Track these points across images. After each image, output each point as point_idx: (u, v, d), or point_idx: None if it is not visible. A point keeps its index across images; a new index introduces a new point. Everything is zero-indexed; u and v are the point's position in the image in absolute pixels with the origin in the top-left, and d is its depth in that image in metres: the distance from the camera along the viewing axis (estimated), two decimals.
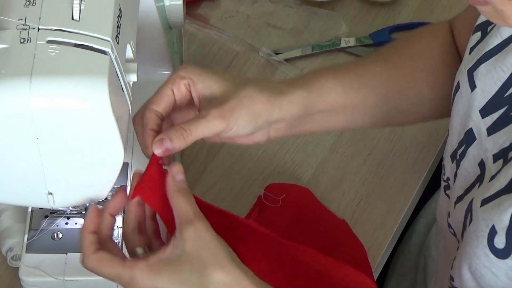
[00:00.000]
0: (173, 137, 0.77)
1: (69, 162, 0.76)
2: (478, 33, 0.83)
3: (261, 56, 1.24)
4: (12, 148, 0.73)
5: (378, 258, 1.05)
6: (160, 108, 0.81)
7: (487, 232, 0.72)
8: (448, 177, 0.86)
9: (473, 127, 0.80)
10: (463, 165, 0.82)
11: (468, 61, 0.82)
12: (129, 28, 0.81)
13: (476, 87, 0.80)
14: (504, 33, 0.78)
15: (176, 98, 0.82)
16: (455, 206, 0.83)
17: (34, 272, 0.89)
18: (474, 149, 0.80)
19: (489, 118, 0.78)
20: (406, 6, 1.31)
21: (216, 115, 0.79)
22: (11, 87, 0.70)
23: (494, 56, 0.79)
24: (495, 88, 0.78)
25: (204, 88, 0.81)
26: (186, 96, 0.82)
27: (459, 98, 0.83)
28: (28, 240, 0.91)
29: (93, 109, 0.71)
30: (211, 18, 1.28)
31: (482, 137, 0.79)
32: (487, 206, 0.73)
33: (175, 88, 0.81)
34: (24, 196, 0.79)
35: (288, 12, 1.30)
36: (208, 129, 0.79)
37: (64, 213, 0.92)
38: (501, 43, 0.79)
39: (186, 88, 0.82)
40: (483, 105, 0.79)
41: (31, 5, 0.74)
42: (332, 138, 1.16)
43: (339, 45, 1.25)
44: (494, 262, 0.72)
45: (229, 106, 0.80)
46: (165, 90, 0.81)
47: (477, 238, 0.73)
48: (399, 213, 1.09)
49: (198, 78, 0.81)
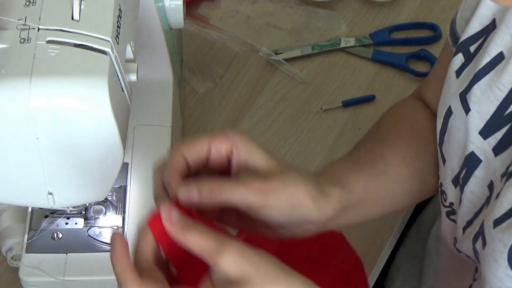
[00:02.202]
0: (203, 190, 0.69)
1: (69, 162, 0.76)
2: (460, 55, 0.81)
3: (261, 56, 1.24)
4: (12, 148, 0.73)
5: (378, 258, 1.05)
6: (189, 155, 0.73)
7: (506, 253, 0.70)
8: (452, 202, 0.84)
9: (475, 150, 0.78)
10: (468, 189, 0.80)
11: (457, 85, 0.80)
12: (129, 28, 0.81)
13: (470, 109, 0.78)
14: (491, 51, 0.77)
15: (211, 157, 0.73)
16: (464, 232, 0.81)
17: (34, 272, 0.89)
18: (481, 171, 0.78)
19: (493, 138, 0.76)
20: (406, 6, 1.31)
21: (258, 187, 0.71)
22: (11, 87, 0.70)
23: (486, 75, 0.77)
24: (492, 108, 0.76)
25: (249, 158, 0.73)
26: (221, 160, 0.74)
27: (454, 123, 0.81)
28: (28, 240, 0.91)
29: (93, 109, 0.71)
30: (211, 18, 1.28)
31: (490, 159, 0.77)
32: (502, 226, 0.71)
33: (213, 145, 0.73)
34: (24, 196, 0.79)
35: (288, 12, 1.30)
36: (243, 197, 0.70)
37: (64, 213, 0.92)
38: (490, 61, 0.77)
39: (227, 152, 0.73)
40: (481, 126, 0.77)
41: (31, 5, 0.74)
42: (332, 138, 1.16)
43: (339, 45, 1.26)
44: None
45: (273, 185, 0.72)
46: (200, 141, 0.73)
47: (496, 260, 0.71)
48: (399, 213, 1.09)
49: (245, 146, 0.73)
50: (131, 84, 0.79)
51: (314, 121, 1.18)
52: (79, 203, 0.88)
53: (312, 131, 1.17)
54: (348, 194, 0.79)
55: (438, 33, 1.28)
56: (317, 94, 1.21)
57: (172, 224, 0.66)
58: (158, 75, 1.03)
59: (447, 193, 0.84)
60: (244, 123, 1.17)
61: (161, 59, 1.02)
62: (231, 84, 1.21)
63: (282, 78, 1.22)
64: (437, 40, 1.27)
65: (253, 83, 1.21)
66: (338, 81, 1.23)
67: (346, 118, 1.18)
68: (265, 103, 1.20)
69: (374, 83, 1.22)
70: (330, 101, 1.20)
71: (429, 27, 1.29)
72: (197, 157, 0.73)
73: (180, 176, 0.71)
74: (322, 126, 1.18)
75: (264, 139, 1.16)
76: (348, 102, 1.20)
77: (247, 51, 1.24)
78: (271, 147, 1.14)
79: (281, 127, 1.17)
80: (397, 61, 1.24)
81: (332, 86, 1.22)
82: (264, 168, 0.73)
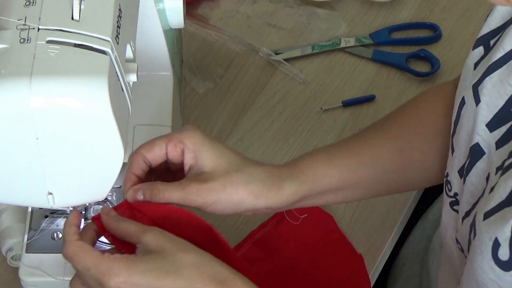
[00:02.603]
0: (145, 193, 0.81)
1: (69, 162, 0.76)
2: (481, 48, 0.82)
3: (261, 56, 1.24)
4: (12, 148, 0.73)
5: (378, 258, 1.05)
6: (149, 156, 0.83)
7: (491, 246, 0.71)
8: (456, 193, 0.85)
9: (479, 142, 0.79)
10: (469, 180, 0.81)
11: (473, 76, 0.82)
12: (129, 28, 0.81)
13: (480, 101, 0.79)
14: (506, 46, 0.78)
15: (169, 156, 0.83)
16: (462, 222, 0.82)
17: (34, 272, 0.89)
18: (482, 163, 0.79)
19: (498, 131, 0.77)
20: (406, 6, 1.31)
21: (194, 191, 0.81)
22: (11, 87, 0.70)
23: (498, 69, 0.78)
24: (501, 102, 0.77)
25: (197, 159, 0.82)
26: (179, 159, 0.83)
27: (465, 113, 0.82)
28: (28, 240, 0.91)
29: (93, 109, 0.71)
30: (211, 18, 1.29)
31: (491, 151, 0.78)
32: (490, 219, 0.72)
33: (169, 146, 0.83)
34: (24, 196, 0.79)
35: (288, 12, 1.30)
36: (181, 199, 0.81)
37: (64, 213, 0.92)
38: (504, 56, 0.78)
39: (181, 152, 0.83)
40: (489, 119, 0.78)
41: (31, 5, 0.74)
42: (332, 138, 1.16)
43: (339, 45, 1.26)
44: (500, 275, 0.71)
45: (210, 188, 0.81)
46: (158, 142, 0.83)
47: (482, 252, 0.72)
48: (399, 213, 1.09)
49: (193, 148, 0.82)
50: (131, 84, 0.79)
51: (314, 121, 1.18)
52: (79, 203, 0.87)
53: (312, 131, 1.17)
54: (310, 186, 0.86)
55: (438, 33, 1.28)
56: (317, 94, 1.21)
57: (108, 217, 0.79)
58: (158, 75, 1.03)
59: (453, 183, 0.85)
60: (244, 123, 1.17)
61: (161, 59, 1.02)
62: (231, 84, 1.21)
63: (282, 78, 1.22)
64: (437, 40, 1.27)
65: (253, 83, 1.21)
66: (338, 81, 1.23)
67: (346, 118, 1.18)
68: (265, 103, 1.20)
69: (374, 83, 1.22)
70: (330, 101, 1.20)
71: (429, 27, 1.29)
72: (156, 157, 0.83)
73: (138, 175, 0.82)
74: (322, 126, 1.18)
75: (264, 139, 1.16)
76: (348, 102, 1.20)
77: (247, 51, 1.24)
78: (271, 147, 1.14)
79: (281, 127, 1.17)
80: (397, 61, 1.24)
81: (332, 86, 1.22)
82: (209, 169, 0.82)
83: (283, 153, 1.14)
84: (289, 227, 1.02)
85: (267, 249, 1.00)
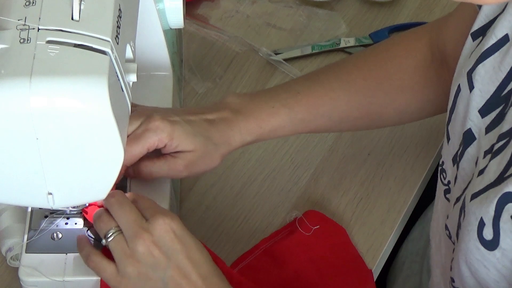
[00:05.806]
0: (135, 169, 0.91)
1: (69, 162, 0.76)
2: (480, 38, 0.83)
3: (261, 56, 1.24)
4: (12, 148, 0.73)
5: (378, 258, 1.05)
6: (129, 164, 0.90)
7: (477, 225, 0.73)
8: (449, 181, 0.86)
9: (472, 127, 0.80)
10: (461, 166, 0.82)
11: (468, 64, 0.83)
12: (129, 28, 0.81)
13: (474, 87, 0.80)
14: (498, 33, 0.79)
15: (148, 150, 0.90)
16: (453, 207, 0.83)
17: (33, 272, 0.89)
18: (473, 149, 0.80)
19: (488, 117, 0.79)
20: (406, 6, 1.31)
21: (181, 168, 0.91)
22: (11, 87, 0.70)
23: (491, 56, 0.79)
24: (493, 88, 0.78)
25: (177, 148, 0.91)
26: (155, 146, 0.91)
27: (460, 100, 0.83)
28: (27, 240, 0.91)
29: (93, 109, 0.71)
30: (211, 18, 1.29)
31: (481, 136, 0.79)
32: (476, 200, 0.74)
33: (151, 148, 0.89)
34: (24, 196, 0.79)
35: (288, 12, 1.30)
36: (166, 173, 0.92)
37: (64, 213, 0.92)
38: (496, 43, 0.79)
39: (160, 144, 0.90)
40: (481, 105, 0.79)
41: (31, 5, 0.74)
42: (332, 138, 1.16)
43: (339, 45, 1.25)
44: (484, 254, 0.73)
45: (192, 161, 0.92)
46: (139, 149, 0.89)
47: (469, 232, 0.74)
48: (399, 213, 1.09)
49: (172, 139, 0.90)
50: (131, 84, 0.79)
51: None
52: (79, 203, 0.88)
53: None
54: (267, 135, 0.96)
55: None
56: None
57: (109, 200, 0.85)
58: (158, 75, 1.03)
59: (447, 171, 0.87)
60: None
61: (160, 59, 1.02)
62: (231, 84, 1.21)
63: (282, 78, 1.22)
64: None
65: (253, 83, 1.21)
66: None
67: None
68: None
69: None
70: None
71: None
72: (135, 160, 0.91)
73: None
74: None
75: None
76: None
77: (247, 51, 1.24)
78: (271, 147, 1.14)
79: None
80: None
81: None
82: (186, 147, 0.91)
83: (283, 153, 1.14)
84: (300, 238, 1.02)
85: (277, 259, 1.00)
